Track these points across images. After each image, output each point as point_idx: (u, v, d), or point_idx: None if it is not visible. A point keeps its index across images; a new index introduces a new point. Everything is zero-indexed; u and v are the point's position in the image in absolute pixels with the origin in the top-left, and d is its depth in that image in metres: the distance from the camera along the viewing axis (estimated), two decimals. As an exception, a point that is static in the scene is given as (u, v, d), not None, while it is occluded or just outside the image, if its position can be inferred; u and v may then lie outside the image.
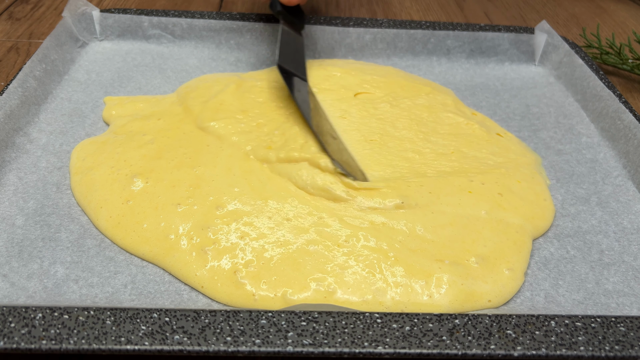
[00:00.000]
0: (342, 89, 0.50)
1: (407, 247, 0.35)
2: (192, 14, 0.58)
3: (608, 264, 0.37)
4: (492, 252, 0.36)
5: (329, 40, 0.57)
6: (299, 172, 0.39)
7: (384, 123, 0.46)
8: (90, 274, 0.34)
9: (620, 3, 0.80)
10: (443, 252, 0.35)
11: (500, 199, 0.39)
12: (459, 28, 0.59)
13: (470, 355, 0.27)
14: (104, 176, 0.39)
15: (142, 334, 0.27)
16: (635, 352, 0.28)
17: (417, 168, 0.42)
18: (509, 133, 0.48)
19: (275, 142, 0.42)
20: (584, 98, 0.52)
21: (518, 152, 0.45)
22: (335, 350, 0.27)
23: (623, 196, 0.42)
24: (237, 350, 0.27)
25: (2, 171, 0.40)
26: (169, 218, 0.36)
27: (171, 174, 0.39)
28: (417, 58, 0.58)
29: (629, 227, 0.40)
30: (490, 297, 0.33)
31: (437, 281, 0.33)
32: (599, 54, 0.61)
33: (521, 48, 0.59)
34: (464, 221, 0.37)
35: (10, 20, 0.63)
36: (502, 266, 0.35)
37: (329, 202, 0.38)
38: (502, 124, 0.50)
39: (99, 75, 0.52)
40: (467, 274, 0.34)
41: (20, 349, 0.26)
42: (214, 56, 0.56)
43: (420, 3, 0.75)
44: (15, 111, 0.43)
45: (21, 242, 0.35)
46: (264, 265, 0.34)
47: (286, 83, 0.45)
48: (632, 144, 0.45)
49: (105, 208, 0.37)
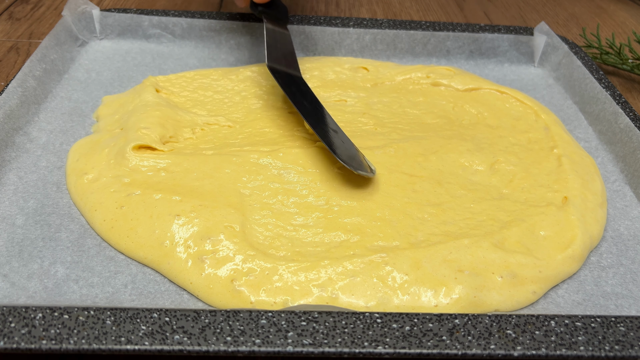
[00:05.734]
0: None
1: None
2: (192, 14, 0.58)
3: (606, 266, 0.37)
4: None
5: (329, 40, 0.57)
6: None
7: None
8: (90, 273, 0.34)
9: (620, 3, 0.80)
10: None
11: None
12: (459, 28, 0.59)
13: (470, 355, 0.27)
14: (99, 180, 0.39)
15: (142, 334, 0.27)
16: (635, 352, 0.28)
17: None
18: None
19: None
20: (582, 100, 0.52)
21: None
22: (335, 350, 0.27)
23: (620, 202, 0.42)
24: (237, 350, 0.27)
25: (2, 170, 0.40)
26: (164, 226, 0.36)
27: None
28: (417, 59, 0.58)
29: (625, 233, 0.40)
30: (499, 307, 0.33)
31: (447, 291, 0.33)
32: (599, 54, 0.61)
33: (521, 49, 0.59)
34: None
35: (10, 20, 0.63)
36: (530, 287, 0.34)
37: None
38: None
39: (98, 75, 0.52)
40: (484, 285, 0.33)
41: (20, 349, 0.26)
42: (214, 56, 0.56)
43: (420, 3, 0.75)
44: (15, 110, 0.43)
45: (21, 242, 0.35)
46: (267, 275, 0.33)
47: (279, 83, 0.44)
48: (629, 147, 0.45)
49: (100, 211, 0.37)
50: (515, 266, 0.34)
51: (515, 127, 0.48)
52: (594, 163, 0.44)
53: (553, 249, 0.36)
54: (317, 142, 0.43)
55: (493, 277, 0.34)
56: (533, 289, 0.34)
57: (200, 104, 0.48)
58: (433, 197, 0.39)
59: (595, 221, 0.39)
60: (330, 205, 0.38)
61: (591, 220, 0.39)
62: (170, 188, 0.38)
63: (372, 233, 0.36)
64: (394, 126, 0.46)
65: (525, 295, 0.33)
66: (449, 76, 0.53)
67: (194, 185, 0.38)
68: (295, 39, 0.57)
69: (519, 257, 0.35)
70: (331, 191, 0.39)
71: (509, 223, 0.37)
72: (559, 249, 0.36)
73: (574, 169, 0.42)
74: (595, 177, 0.43)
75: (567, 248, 0.36)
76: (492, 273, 0.34)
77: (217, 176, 0.39)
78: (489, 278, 0.34)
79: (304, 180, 0.40)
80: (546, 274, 0.35)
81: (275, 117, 0.46)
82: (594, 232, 0.38)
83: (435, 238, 0.36)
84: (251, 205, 0.37)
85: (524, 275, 0.34)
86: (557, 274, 0.35)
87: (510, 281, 0.34)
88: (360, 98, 0.50)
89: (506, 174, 0.42)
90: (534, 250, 0.36)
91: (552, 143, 0.45)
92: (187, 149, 0.42)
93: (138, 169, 0.39)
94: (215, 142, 0.43)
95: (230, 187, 0.39)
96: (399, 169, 0.41)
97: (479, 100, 0.51)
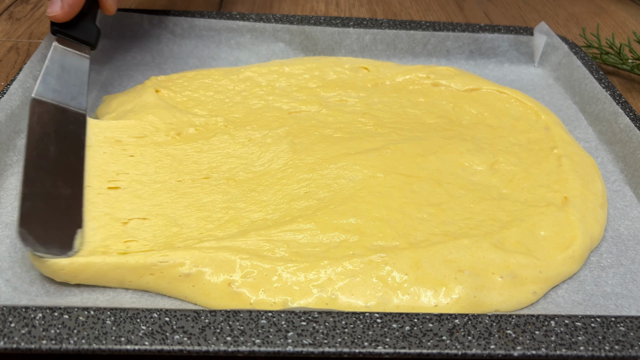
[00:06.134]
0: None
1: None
2: (192, 14, 0.58)
3: (606, 266, 0.37)
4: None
5: (329, 40, 0.57)
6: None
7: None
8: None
9: (620, 3, 0.80)
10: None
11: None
12: (459, 28, 0.59)
13: (470, 355, 0.27)
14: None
15: (142, 334, 0.27)
16: (635, 352, 0.28)
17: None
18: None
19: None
20: (582, 100, 0.52)
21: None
22: (335, 350, 0.27)
23: (620, 202, 0.42)
24: (237, 350, 0.27)
25: (4, 175, 0.40)
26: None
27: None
28: (417, 59, 0.58)
29: (625, 233, 0.40)
30: (499, 308, 0.33)
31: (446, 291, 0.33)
32: (599, 54, 0.61)
33: (521, 49, 0.59)
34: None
35: (10, 20, 0.63)
36: (530, 287, 0.34)
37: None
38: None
39: (98, 74, 0.52)
40: (484, 286, 0.33)
41: (20, 349, 0.26)
42: (214, 55, 0.56)
43: (420, 3, 0.75)
44: (15, 113, 0.43)
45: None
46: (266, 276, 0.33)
47: (29, 122, 0.37)
48: (629, 147, 0.45)
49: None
50: (516, 266, 0.34)
51: (516, 127, 0.48)
52: (594, 164, 0.44)
53: (553, 249, 0.36)
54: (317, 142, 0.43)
55: (493, 277, 0.34)
56: (533, 289, 0.34)
57: (201, 103, 0.48)
58: (432, 197, 0.39)
59: (595, 222, 0.39)
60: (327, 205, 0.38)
61: (592, 220, 0.39)
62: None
63: (371, 233, 0.36)
64: (394, 126, 0.46)
65: (525, 296, 0.33)
66: (449, 76, 0.53)
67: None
68: (295, 39, 0.57)
69: (519, 258, 0.35)
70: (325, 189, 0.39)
71: (509, 223, 0.37)
72: (559, 249, 0.36)
73: (574, 169, 0.42)
74: (596, 177, 0.43)
75: (568, 249, 0.36)
76: (492, 273, 0.34)
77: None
78: (489, 278, 0.34)
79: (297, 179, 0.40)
80: (546, 274, 0.35)
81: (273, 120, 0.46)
82: (594, 233, 0.38)
83: (435, 238, 0.36)
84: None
85: (524, 276, 0.34)
86: (557, 274, 0.35)
87: (510, 281, 0.34)
88: (361, 98, 0.50)
89: (506, 174, 0.42)
90: (534, 251, 0.36)
91: (552, 143, 0.45)
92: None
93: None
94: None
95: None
96: (396, 170, 0.41)
97: (479, 100, 0.51)
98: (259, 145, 0.43)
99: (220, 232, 0.35)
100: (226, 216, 0.37)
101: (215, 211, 0.37)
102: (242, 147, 0.43)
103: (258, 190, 0.39)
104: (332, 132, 0.45)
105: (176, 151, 0.42)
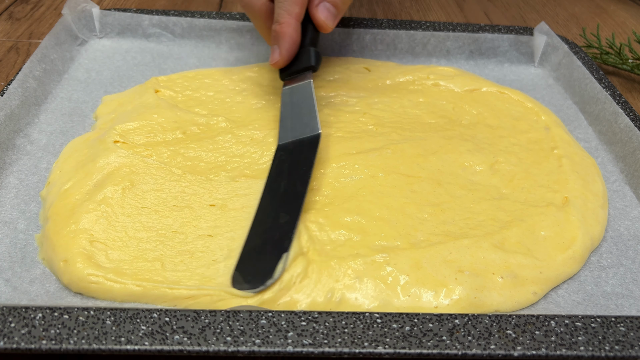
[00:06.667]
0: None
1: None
2: (192, 14, 0.58)
3: (606, 266, 0.37)
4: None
5: (329, 40, 0.57)
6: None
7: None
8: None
9: (620, 3, 0.80)
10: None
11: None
12: (459, 28, 0.59)
13: (470, 355, 0.27)
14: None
15: (142, 334, 0.27)
16: (635, 352, 0.28)
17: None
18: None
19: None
20: (582, 100, 0.52)
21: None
22: (335, 350, 0.27)
23: (620, 202, 0.42)
24: (237, 350, 0.27)
25: (4, 174, 0.40)
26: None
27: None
28: (417, 59, 0.58)
29: (625, 233, 0.40)
30: (499, 308, 0.33)
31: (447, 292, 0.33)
32: (599, 54, 0.61)
33: (521, 49, 0.59)
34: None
35: (10, 20, 0.63)
36: (530, 288, 0.34)
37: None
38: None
39: (98, 74, 0.52)
40: (484, 286, 0.33)
41: (20, 349, 0.26)
42: (214, 56, 0.56)
43: (420, 3, 0.75)
44: (15, 112, 0.43)
45: (24, 248, 0.35)
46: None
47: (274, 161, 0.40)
48: (629, 147, 0.45)
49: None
50: (516, 267, 0.34)
51: (516, 127, 0.48)
52: (595, 164, 0.44)
53: (553, 249, 0.36)
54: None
55: (493, 277, 0.34)
56: (534, 289, 0.34)
57: (202, 103, 0.48)
58: (432, 197, 0.39)
59: (596, 222, 0.39)
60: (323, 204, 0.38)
61: (592, 221, 0.39)
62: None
63: (373, 232, 0.36)
64: (395, 126, 0.46)
65: (525, 296, 0.33)
66: (450, 76, 0.53)
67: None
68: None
69: (519, 258, 0.35)
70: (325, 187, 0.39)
71: (509, 223, 0.37)
72: (560, 249, 0.36)
73: (575, 169, 0.42)
74: (596, 178, 0.43)
75: (568, 249, 0.36)
76: (493, 274, 0.34)
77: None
78: (489, 279, 0.34)
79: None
80: (547, 274, 0.34)
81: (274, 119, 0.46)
82: (594, 234, 0.38)
83: (435, 238, 0.36)
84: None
85: (524, 276, 0.34)
86: (557, 275, 0.35)
87: (510, 282, 0.34)
88: (361, 98, 0.50)
89: (506, 174, 0.42)
90: (534, 251, 0.36)
91: (552, 143, 0.45)
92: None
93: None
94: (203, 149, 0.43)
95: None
96: (397, 170, 0.41)
97: (479, 100, 0.51)
98: (261, 144, 0.43)
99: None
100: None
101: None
102: (245, 146, 0.43)
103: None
104: (332, 131, 0.45)
105: (186, 150, 0.42)
